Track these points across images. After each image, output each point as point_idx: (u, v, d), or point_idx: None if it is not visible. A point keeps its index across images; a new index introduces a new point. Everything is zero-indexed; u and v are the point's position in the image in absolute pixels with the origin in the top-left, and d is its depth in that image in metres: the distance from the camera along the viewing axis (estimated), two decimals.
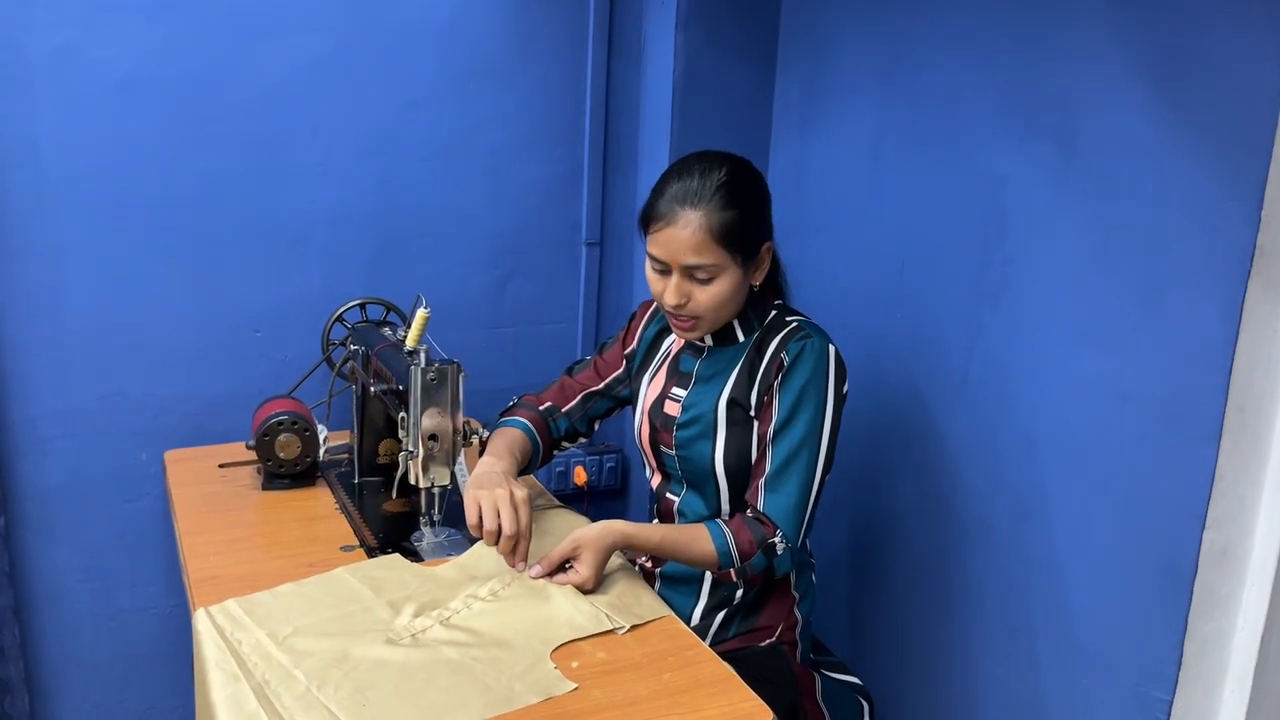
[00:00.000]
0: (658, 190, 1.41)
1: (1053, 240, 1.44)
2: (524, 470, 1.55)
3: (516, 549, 1.37)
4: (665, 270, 1.40)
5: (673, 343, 1.54)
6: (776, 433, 1.38)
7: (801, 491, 1.37)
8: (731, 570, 1.37)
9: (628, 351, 1.60)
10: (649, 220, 1.40)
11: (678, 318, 1.42)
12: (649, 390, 1.54)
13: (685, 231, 1.36)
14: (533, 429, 1.56)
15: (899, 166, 1.71)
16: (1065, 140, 1.41)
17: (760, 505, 1.38)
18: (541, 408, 1.59)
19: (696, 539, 1.37)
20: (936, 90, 1.63)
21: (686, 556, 1.39)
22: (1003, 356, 1.54)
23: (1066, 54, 1.40)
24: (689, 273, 1.38)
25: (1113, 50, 1.33)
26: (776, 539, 1.36)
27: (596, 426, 1.65)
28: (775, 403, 1.39)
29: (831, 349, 1.40)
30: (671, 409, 1.48)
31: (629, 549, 1.41)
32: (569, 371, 1.64)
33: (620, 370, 1.61)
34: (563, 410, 1.60)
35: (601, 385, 1.61)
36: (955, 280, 1.60)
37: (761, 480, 1.38)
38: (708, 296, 1.38)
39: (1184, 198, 1.27)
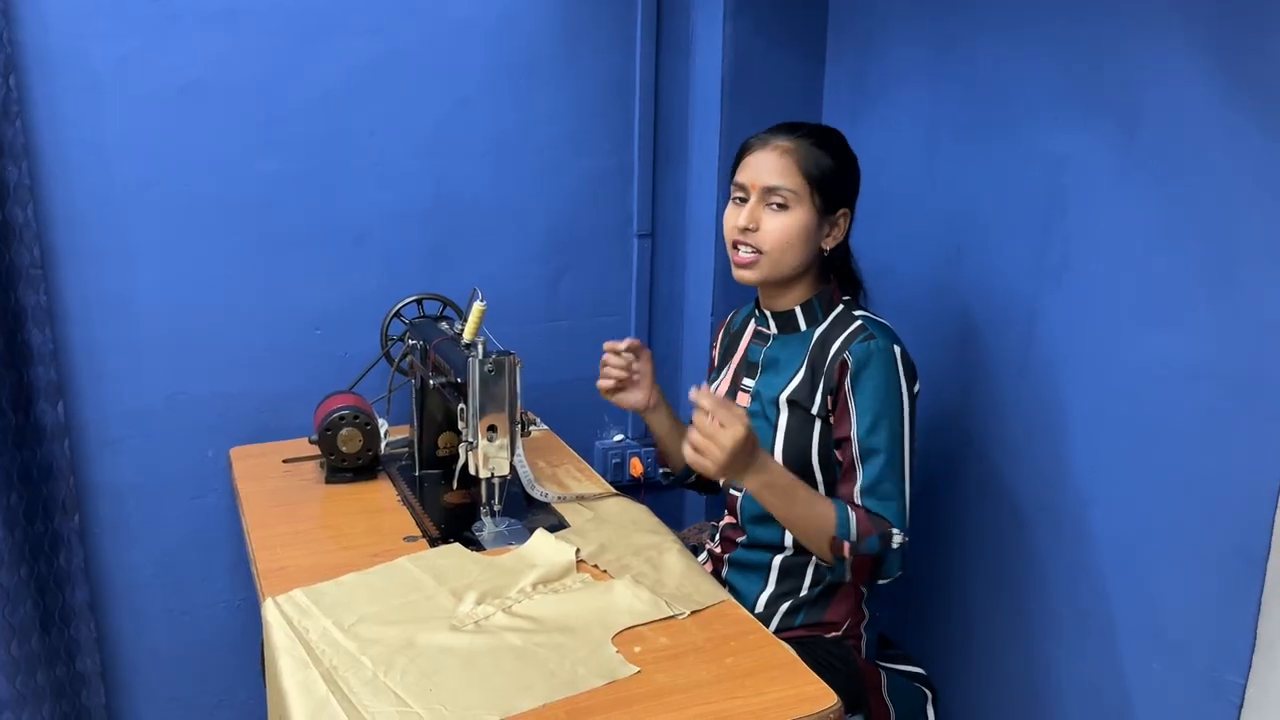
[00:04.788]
0: (757, 134, 1.47)
1: (1116, 218, 1.42)
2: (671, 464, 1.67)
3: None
4: (744, 199, 1.44)
5: (745, 339, 1.55)
6: (864, 444, 1.36)
7: (902, 498, 1.36)
8: (846, 544, 1.32)
9: (714, 363, 1.66)
10: (741, 155, 1.46)
11: (740, 249, 1.44)
12: (722, 383, 1.56)
13: (774, 155, 1.42)
14: None
15: (954, 150, 1.69)
16: (1127, 116, 1.38)
17: (867, 505, 1.37)
18: None
19: (822, 501, 1.36)
20: (991, 71, 1.61)
21: (808, 512, 1.33)
22: (1065, 338, 1.51)
23: (1127, 28, 1.37)
24: (766, 197, 1.41)
25: (1175, 22, 1.31)
26: (894, 531, 1.34)
27: None
28: (851, 407, 1.37)
29: (897, 349, 1.38)
30: (743, 400, 1.50)
31: (762, 474, 1.30)
32: None
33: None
34: None
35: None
36: (1014, 262, 1.58)
37: (858, 489, 1.37)
38: (778, 227, 1.41)
39: (1252, 170, 1.24)
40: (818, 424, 1.41)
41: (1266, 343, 1.24)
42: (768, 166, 1.41)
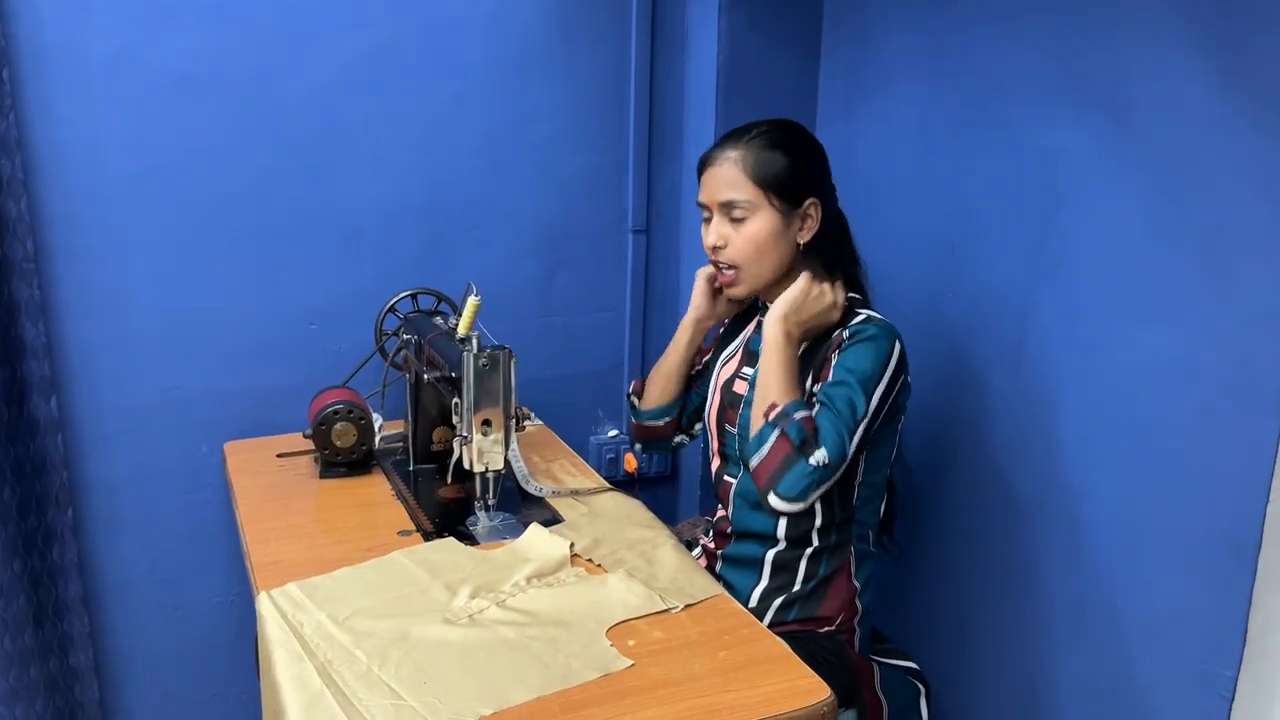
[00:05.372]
0: (710, 149, 1.47)
1: (1109, 214, 1.42)
2: (664, 405, 1.67)
3: None
4: (710, 217, 1.46)
5: (748, 329, 1.56)
6: (824, 392, 1.37)
7: (842, 443, 1.32)
8: (777, 410, 1.33)
9: (718, 337, 1.67)
10: (699, 172, 1.47)
11: (720, 270, 1.47)
12: (724, 369, 1.57)
13: (722, 168, 1.43)
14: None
15: (948, 145, 1.70)
16: (1120, 112, 1.39)
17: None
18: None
19: (797, 388, 1.38)
20: (986, 67, 1.61)
21: (785, 378, 1.37)
22: (1057, 334, 1.52)
23: (1119, 23, 1.38)
24: (727, 212, 1.43)
25: (1168, 18, 1.31)
26: (820, 448, 1.31)
27: (696, 428, 1.71)
28: (830, 368, 1.39)
29: (897, 345, 1.39)
30: (740, 388, 1.51)
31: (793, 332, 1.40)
32: None
33: (709, 357, 1.66)
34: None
35: (697, 368, 1.68)
36: (1008, 258, 1.59)
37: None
38: (743, 239, 1.43)
39: (1245, 166, 1.24)
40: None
41: (1258, 338, 1.25)
42: (719, 181, 1.43)
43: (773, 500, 1.35)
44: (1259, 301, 1.24)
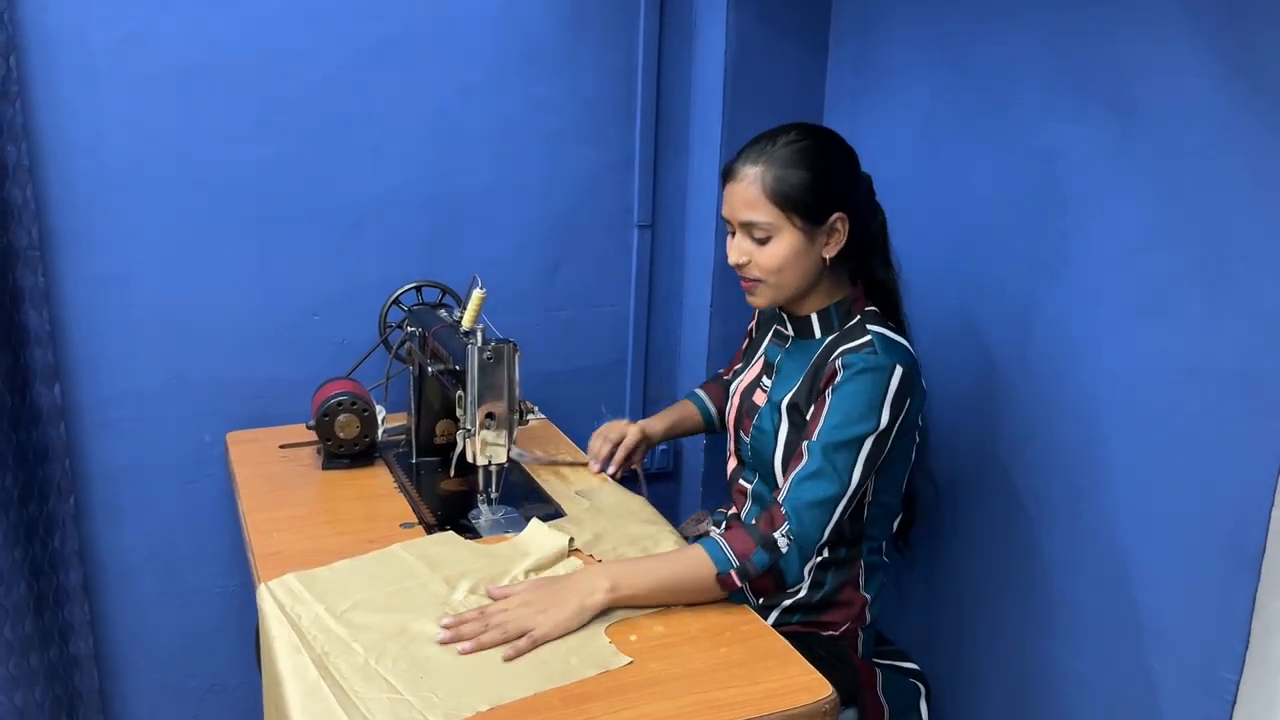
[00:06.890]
0: (735, 153, 1.44)
1: (1112, 213, 1.42)
2: (692, 430, 1.79)
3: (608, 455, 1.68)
4: (733, 230, 1.43)
5: (769, 336, 1.56)
6: (812, 443, 1.31)
7: (819, 511, 1.28)
8: (733, 572, 1.25)
9: (745, 346, 1.67)
10: (722, 182, 1.44)
11: (743, 279, 1.44)
12: (747, 374, 1.57)
13: (741, 185, 1.38)
14: (704, 397, 1.78)
15: (953, 142, 1.69)
16: (1124, 109, 1.38)
17: (780, 498, 1.30)
18: (722, 379, 1.78)
19: (685, 555, 1.28)
20: (990, 63, 1.60)
21: (683, 579, 1.26)
22: (1060, 333, 1.51)
23: (1123, 20, 1.37)
24: (748, 231, 1.40)
25: (1172, 14, 1.30)
26: (779, 534, 1.26)
27: None
28: (825, 409, 1.32)
29: (898, 371, 1.31)
30: (759, 398, 1.50)
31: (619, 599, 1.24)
32: None
33: (739, 365, 1.66)
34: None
35: (729, 374, 1.72)
36: (1011, 256, 1.58)
37: (789, 480, 1.31)
38: (765, 258, 1.39)
39: (1249, 164, 1.23)
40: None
41: (1262, 337, 1.24)
42: (740, 200, 1.38)
43: (792, 591, 1.41)
44: (1265, 302, 1.23)
